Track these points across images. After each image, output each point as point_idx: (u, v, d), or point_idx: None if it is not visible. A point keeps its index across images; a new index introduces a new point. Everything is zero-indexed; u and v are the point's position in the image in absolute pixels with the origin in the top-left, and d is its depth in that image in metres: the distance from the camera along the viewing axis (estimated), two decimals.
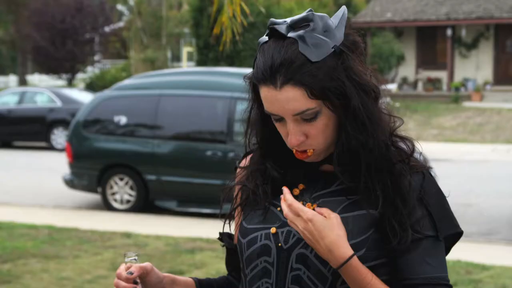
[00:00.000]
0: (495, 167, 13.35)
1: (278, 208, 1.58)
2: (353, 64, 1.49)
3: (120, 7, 39.28)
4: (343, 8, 1.54)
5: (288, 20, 1.50)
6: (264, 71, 1.47)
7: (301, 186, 1.59)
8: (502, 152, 15.69)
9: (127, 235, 7.70)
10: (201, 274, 6.11)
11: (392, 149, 1.54)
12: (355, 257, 1.45)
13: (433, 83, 26.56)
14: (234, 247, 1.70)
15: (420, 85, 26.49)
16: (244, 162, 1.70)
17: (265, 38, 1.51)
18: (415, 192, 1.52)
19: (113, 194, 9.45)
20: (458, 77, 26.59)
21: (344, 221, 1.50)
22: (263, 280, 1.56)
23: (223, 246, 1.75)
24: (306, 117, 1.47)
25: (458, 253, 6.85)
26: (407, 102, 24.12)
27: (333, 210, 1.52)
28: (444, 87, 26.54)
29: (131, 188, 9.35)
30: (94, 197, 10.12)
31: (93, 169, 9.47)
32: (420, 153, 1.60)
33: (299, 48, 1.45)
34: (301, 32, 1.47)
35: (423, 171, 1.55)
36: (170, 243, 7.33)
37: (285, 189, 1.49)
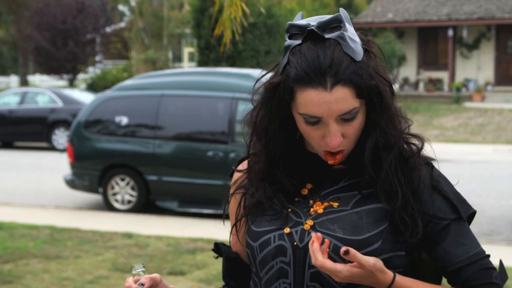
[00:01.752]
0: (496, 168, 13.34)
1: (289, 210, 1.58)
2: (375, 62, 1.54)
3: (121, 7, 39.29)
4: (343, 10, 1.55)
5: (313, 22, 1.50)
6: (311, 72, 1.46)
7: (308, 186, 1.60)
8: (503, 153, 15.68)
9: (128, 235, 7.70)
10: (202, 275, 6.11)
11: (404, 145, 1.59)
12: (397, 277, 1.47)
13: (434, 83, 26.54)
14: (233, 256, 1.70)
15: (421, 85, 26.48)
16: (242, 168, 1.69)
17: (294, 41, 1.50)
18: (427, 181, 1.55)
19: (114, 194, 9.46)
20: (459, 78, 26.59)
21: (358, 215, 1.52)
22: (280, 280, 1.55)
23: (216, 258, 1.75)
24: (348, 117, 1.48)
25: None
26: (408, 102, 24.11)
27: (345, 205, 1.54)
28: (445, 87, 26.52)
29: (132, 188, 9.35)
30: (95, 198, 10.13)
31: (94, 170, 9.48)
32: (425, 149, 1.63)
33: (343, 48, 1.47)
34: (338, 33, 1.48)
35: (429, 162, 1.60)
36: (171, 243, 7.33)
37: (316, 246, 1.44)
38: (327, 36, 1.48)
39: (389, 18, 26.94)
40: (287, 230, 1.54)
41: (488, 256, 1.56)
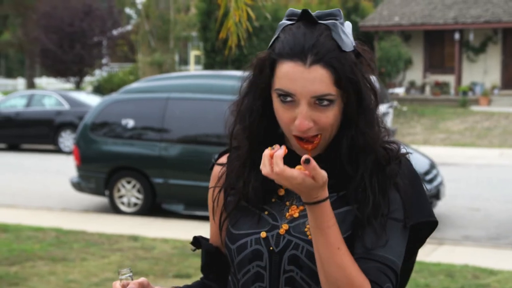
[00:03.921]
0: (503, 172, 13.31)
1: (266, 212, 1.58)
2: (365, 68, 1.53)
3: (128, 10, 39.39)
4: (348, 22, 1.56)
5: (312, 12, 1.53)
6: (294, 47, 1.47)
7: None
8: (510, 156, 15.64)
9: (134, 238, 7.71)
10: None
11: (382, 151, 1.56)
12: (327, 202, 1.43)
13: (441, 87, 26.50)
14: (213, 250, 1.72)
15: (427, 89, 26.44)
16: (222, 162, 1.70)
17: (287, 22, 1.52)
18: (392, 179, 1.53)
19: (121, 197, 9.47)
20: (465, 81, 26.54)
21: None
22: (256, 284, 1.57)
23: (194, 250, 1.77)
24: (322, 103, 1.47)
25: (466, 257, 6.83)
26: (414, 106, 24.08)
27: None
28: (452, 91, 26.48)
29: (139, 191, 9.36)
30: (102, 200, 10.14)
31: (100, 172, 9.50)
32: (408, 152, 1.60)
33: (332, 34, 1.48)
34: (331, 21, 1.49)
35: (401, 159, 1.57)
36: (177, 246, 7.33)
37: (279, 153, 1.39)
38: (320, 21, 1.49)
39: (395, 21, 26.92)
40: (263, 234, 1.55)
41: (396, 273, 1.48)
